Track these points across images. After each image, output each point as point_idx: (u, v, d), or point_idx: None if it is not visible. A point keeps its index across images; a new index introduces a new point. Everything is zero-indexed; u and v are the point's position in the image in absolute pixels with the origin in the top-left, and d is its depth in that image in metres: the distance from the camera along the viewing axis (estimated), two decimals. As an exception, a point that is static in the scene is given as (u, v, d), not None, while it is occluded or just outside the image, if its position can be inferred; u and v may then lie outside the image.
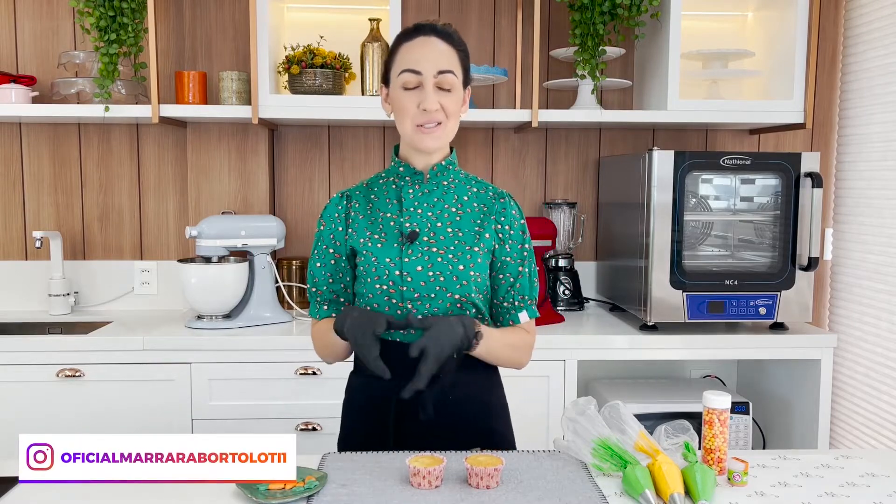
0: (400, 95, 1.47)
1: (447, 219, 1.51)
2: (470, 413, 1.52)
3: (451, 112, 1.46)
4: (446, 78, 1.45)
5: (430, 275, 1.46)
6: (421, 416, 1.44)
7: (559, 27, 2.79)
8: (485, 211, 1.54)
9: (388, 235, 1.50)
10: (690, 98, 2.66)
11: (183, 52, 2.77)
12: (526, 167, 2.93)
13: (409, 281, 1.46)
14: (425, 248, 1.48)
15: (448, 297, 1.47)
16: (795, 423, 2.57)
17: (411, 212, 1.51)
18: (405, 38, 1.48)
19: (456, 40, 1.49)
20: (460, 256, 1.48)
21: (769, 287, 2.44)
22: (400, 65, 1.46)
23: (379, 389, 1.46)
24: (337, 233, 1.55)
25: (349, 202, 1.56)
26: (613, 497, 1.31)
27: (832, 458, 1.52)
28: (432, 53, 1.45)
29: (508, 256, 1.53)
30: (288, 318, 2.60)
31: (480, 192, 1.56)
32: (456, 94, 1.47)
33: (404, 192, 1.52)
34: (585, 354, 2.40)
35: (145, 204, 2.84)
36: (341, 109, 2.54)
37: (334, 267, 1.55)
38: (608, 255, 2.85)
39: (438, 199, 1.53)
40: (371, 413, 1.52)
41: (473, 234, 1.51)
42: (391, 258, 1.47)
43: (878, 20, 2.52)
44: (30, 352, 2.30)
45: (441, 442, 1.45)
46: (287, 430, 2.32)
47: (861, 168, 2.61)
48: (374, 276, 1.47)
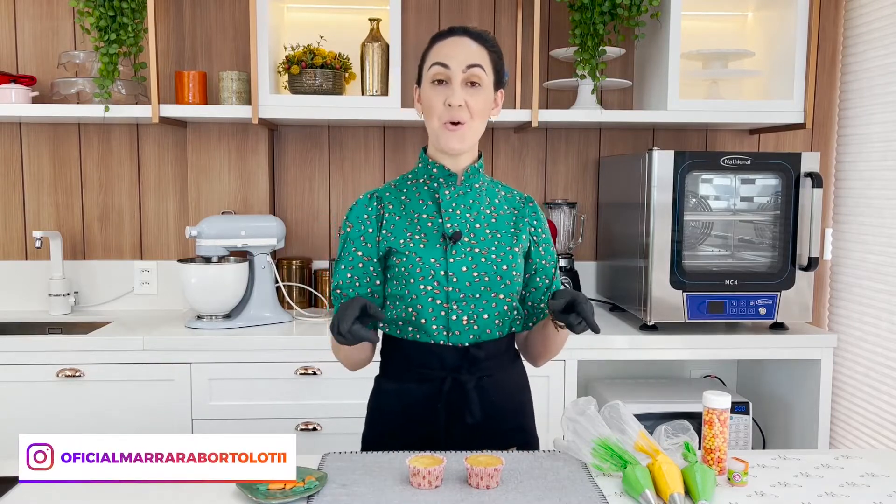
0: (428, 91, 1.47)
1: (484, 220, 1.52)
2: (509, 413, 1.54)
3: (476, 111, 1.45)
4: (475, 72, 1.44)
5: (475, 275, 1.47)
6: (468, 419, 1.46)
7: (559, 27, 2.79)
8: (516, 214, 1.56)
9: (428, 236, 1.49)
10: (690, 98, 2.66)
11: (183, 52, 2.77)
12: (526, 167, 2.93)
13: (454, 281, 1.46)
14: (468, 249, 1.48)
15: (492, 297, 1.48)
16: (795, 423, 2.57)
17: (450, 212, 1.50)
18: (438, 38, 1.49)
19: (488, 41, 1.49)
20: (503, 257, 1.49)
21: (769, 287, 2.44)
22: (431, 60, 1.47)
23: (424, 397, 1.48)
24: (368, 234, 1.51)
25: (380, 203, 1.53)
26: (613, 497, 1.31)
27: (832, 458, 1.52)
28: (462, 50, 1.45)
29: (543, 259, 1.57)
30: (288, 318, 2.60)
31: (509, 196, 1.58)
32: (484, 92, 1.46)
33: (440, 193, 1.51)
34: (585, 354, 2.40)
35: (145, 204, 2.84)
36: (341, 109, 2.54)
37: (362, 270, 1.51)
38: (608, 255, 2.85)
39: (473, 200, 1.53)
40: (412, 417, 1.50)
41: (511, 236, 1.52)
42: (435, 258, 1.46)
43: (878, 20, 2.52)
44: (30, 352, 2.30)
45: (484, 442, 1.47)
46: (287, 430, 2.32)
47: (861, 168, 2.61)
48: (419, 277, 1.46)
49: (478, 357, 1.47)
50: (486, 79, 1.46)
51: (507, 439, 1.52)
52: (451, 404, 1.46)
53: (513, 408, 1.55)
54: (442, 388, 1.46)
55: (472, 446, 1.47)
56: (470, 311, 1.47)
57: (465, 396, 1.46)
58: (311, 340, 2.36)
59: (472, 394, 1.45)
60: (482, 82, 1.46)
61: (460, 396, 1.46)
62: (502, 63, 1.53)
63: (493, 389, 1.49)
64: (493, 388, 1.49)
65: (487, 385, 1.48)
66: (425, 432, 1.49)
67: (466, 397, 1.45)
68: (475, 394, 1.46)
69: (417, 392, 1.49)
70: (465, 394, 1.46)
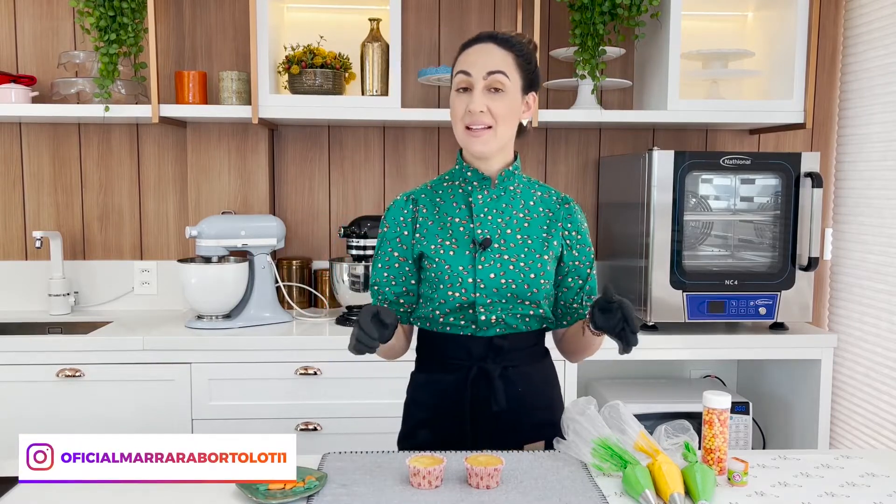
0: (454, 99, 1.50)
1: (516, 225, 1.53)
2: (535, 405, 1.55)
3: (499, 115, 1.46)
4: (496, 78, 1.45)
5: (503, 282, 1.49)
6: (493, 407, 1.48)
7: (559, 27, 2.79)
8: (550, 217, 1.56)
9: (459, 242, 1.51)
10: (690, 98, 2.66)
11: (183, 52, 2.77)
12: (526, 167, 2.93)
13: (482, 288, 1.48)
14: (497, 256, 1.50)
15: (518, 304, 1.50)
16: (795, 423, 2.57)
17: (481, 218, 1.52)
18: (465, 46, 1.51)
19: (515, 45, 1.49)
20: (531, 265, 1.50)
21: (769, 287, 2.44)
22: (457, 68, 1.49)
23: (451, 386, 1.51)
24: (403, 236, 1.54)
25: (416, 205, 1.56)
26: (613, 497, 1.31)
27: (832, 458, 1.52)
28: (485, 57, 1.46)
29: (577, 261, 1.57)
30: (288, 318, 2.60)
31: (545, 197, 1.58)
32: (508, 97, 1.47)
33: (473, 198, 1.53)
34: (585, 354, 2.39)
35: (145, 204, 2.84)
36: (341, 109, 2.54)
37: (398, 270, 1.55)
38: (608, 255, 2.85)
39: (507, 204, 1.54)
40: (443, 407, 1.53)
41: (542, 242, 1.53)
42: (464, 266, 1.49)
43: (878, 20, 2.52)
44: (30, 352, 2.30)
45: (509, 431, 1.50)
46: (287, 430, 2.32)
47: (861, 168, 2.61)
48: (448, 284, 1.48)
49: (503, 347, 1.50)
50: (509, 84, 1.46)
51: (536, 433, 1.54)
52: (478, 392, 1.49)
53: (541, 401, 1.57)
54: (468, 377, 1.49)
55: (501, 437, 1.50)
56: (497, 312, 1.50)
57: (490, 384, 1.48)
58: (311, 340, 2.36)
59: (497, 382, 1.48)
60: (505, 88, 1.46)
61: (486, 385, 1.49)
62: (532, 66, 1.52)
63: (519, 380, 1.52)
64: (518, 378, 1.51)
65: (513, 375, 1.51)
66: (454, 422, 1.52)
67: (492, 385, 1.48)
68: (500, 382, 1.48)
69: (446, 382, 1.52)
70: (490, 382, 1.49)
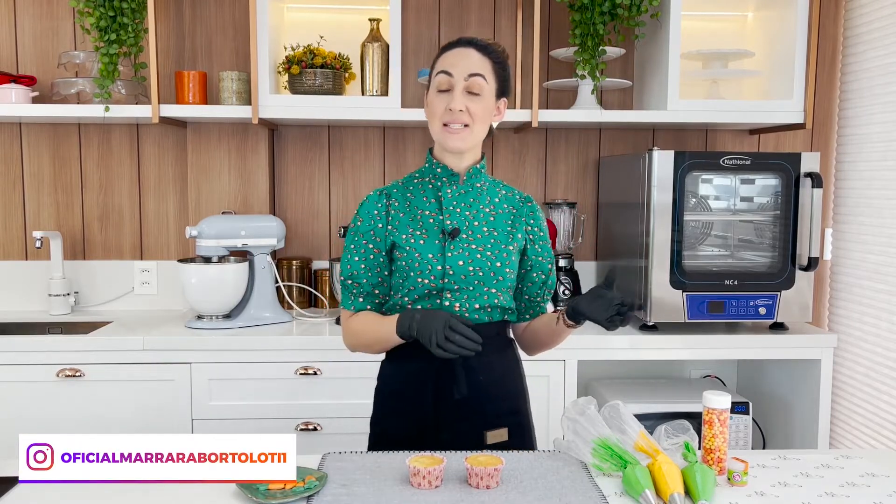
0: (433, 97, 1.58)
1: (482, 218, 1.61)
2: (497, 394, 1.60)
3: (477, 116, 1.55)
4: (476, 81, 1.54)
5: (471, 269, 1.56)
6: (455, 395, 1.53)
7: (559, 27, 2.79)
8: (514, 213, 1.64)
9: (429, 232, 1.58)
10: (690, 98, 2.66)
11: (183, 52, 2.77)
12: (526, 167, 2.93)
13: (450, 275, 1.55)
14: (465, 245, 1.57)
15: (485, 291, 1.57)
16: (795, 423, 2.57)
17: (450, 210, 1.60)
18: (446, 49, 1.59)
19: (492, 52, 1.58)
20: (497, 254, 1.58)
21: (769, 287, 2.44)
22: (437, 68, 1.58)
23: (415, 374, 1.57)
24: (377, 229, 1.61)
25: (388, 199, 1.63)
26: (613, 497, 1.31)
27: (832, 458, 1.52)
28: (465, 60, 1.55)
29: (540, 256, 1.66)
30: (288, 318, 2.60)
31: (509, 196, 1.67)
32: (485, 99, 1.56)
33: (443, 192, 1.61)
34: (585, 354, 2.40)
35: (145, 204, 2.84)
36: (341, 109, 2.54)
37: (373, 261, 1.61)
38: (608, 255, 2.85)
39: (474, 199, 1.62)
40: (407, 394, 1.59)
41: (507, 234, 1.61)
42: (434, 254, 1.56)
43: (878, 20, 2.52)
44: (30, 352, 2.30)
45: (471, 418, 1.56)
46: (287, 430, 2.32)
47: (861, 168, 2.61)
48: (418, 271, 1.55)
49: None
50: (486, 88, 1.55)
51: (499, 420, 1.59)
52: (440, 380, 1.55)
53: (502, 390, 1.62)
54: (432, 366, 1.53)
55: (463, 423, 1.55)
56: (463, 300, 1.57)
57: (452, 373, 1.52)
58: (311, 340, 2.36)
59: (459, 370, 1.52)
60: (483, 91, 1.55)
61: (448, 373, 1.53)
62: (506, 73, 1.61)
63: (481, 369, 1.56)
64: (480, 367, 1.55)
65: (475, 364, 1.54)
66: (419, 408, 1.57)
67: (454, 373, 1.52)
68: (462, 371, 1.52)
69: (410, 369, 1.58)
70: (452, 370, 1.52)
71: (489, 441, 1.56)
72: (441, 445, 1.51)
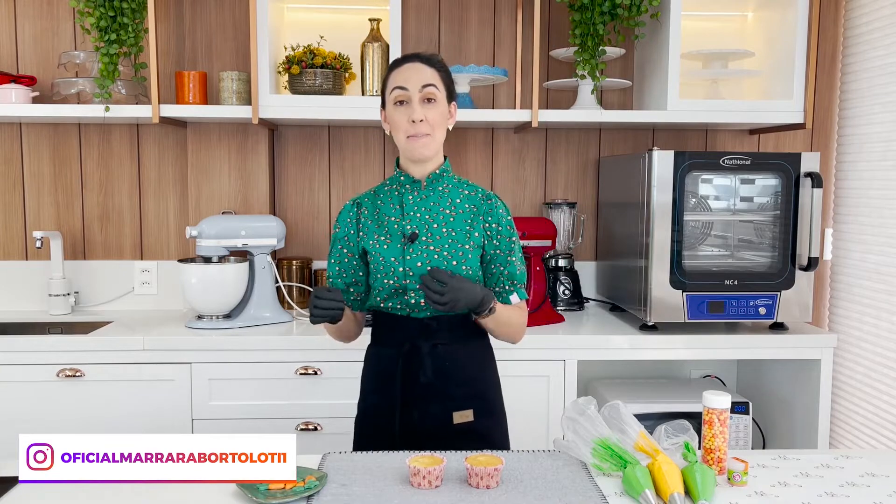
0: (392, 112, 1.70)
1: (442, 220, 1.72)
2: (460, 379, 1.72)
3: (435, 123, 1.68)
4: (429, 91, 1.67)
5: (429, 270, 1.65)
6: (421, 379, 1.67)
7: (559, 27, 2.79)
8: (474, 211, 1.74)
9: (392, 237, 1.71)
10: (690, 98, 2.66)
11: (183, 52, 2.77)
12: (526, 167, 2.93)
13: (411, 276, 1.67)
14: (424, 248, 1.69)
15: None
16: (795, 423, 2.57)
17: (411, 215, 1.72)
18: (395, 66, 1.72)
19: (436, 63, 1.72)
20: (454, 253, 1.69)
21: (769, 287, 2.44)
22: (391, 84, 1.70)
23: (387, 358, 1.72)
24: (350, 235, 1.77)
25: (359, 209, 1.78)
26: (613, 497, 1.32)
27: (832, 458, 1.52)
28: (417, 73, 1.68)
29: (498, 249, 1.75)
30: (288, 318, 2.60)
31: (471, 195, 1.77)
32: (440, 106, 1.69)
33: (405, 199, 1.74)
34: (585, 354, 2.40)
35: (145, 204, 2.84)
36: (341, 109, 2.54)
37: (346, 264, 1.78)
38: (608, 255, 2.85)
39: (434, 203, 1.74)
40: (383, 376, 1.73)
41: (465, 234, 1.72)
42: (395, 257, 1.69)
43: (878, 20, 2.52)
44: (30, 352, 2.30)
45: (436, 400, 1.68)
46: (287, 430, 2.32)
47: (861, 168, 2.61)
48: (383, 273, 1.70)
49: (431, 327, 1.69)
50: (439, 95, 1.69)
51: (464, 402, 1.70)
52: (409, 365, 1.69)
53: (468, 375, 1.73)
54: (402, 351, 1.69)
55: (429, 404, 1.68)
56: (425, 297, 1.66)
57: (419, 359, 1.67)
58: (311, 340, 2.36)
59: (426, 358, 1.67)
60: (437, 98, 1.68)
61: (416, 359, 1.68)
62: (451, 80, 1.76)
63: (446, 356, 1.69)
64: (446, 354, 1.69)
65: (441, 352, 1.69)
66: (391, 389, 1.70)
67: (421, 360, 1.67)
68: (429, 358, 1.67)
69: (386, 355, 1.73)
70: (420, 357, 1.68)
71: (456, 421, 1.68)
72: (411, 424, 1.67)
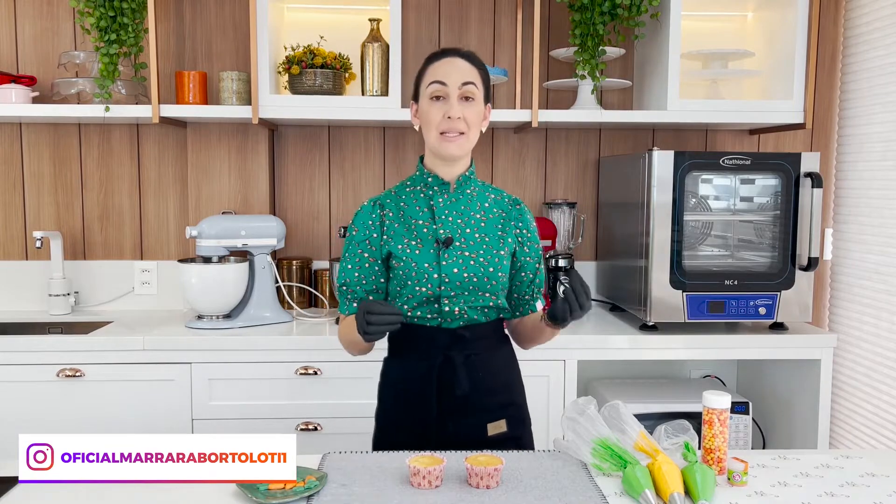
0: (427, 107, 1.62)
1: (474, 225, 1.66)
2: (496, 387, 1.66)
3: (472, 122, 1.61)
4: (469, 88, 1.60)
5: (465, 276, 1.61)
6: (457, 392, 1.60)
7: (559, 27, 2.79)
8: (504, 217, 1.70)
9: (423, 242, 1.63)
10: (690, 98, 2.66)
11: (183, 52, 2.77)
12: (526, 167, 2.93)
13: (446, 282, 1.60)
14: (458, 252, 1.63)
15: (480, 296, 1.63)
16: (795, 423, 2.57)
17: (443, 219, 1.65)
18: (434, 59, 1.64)
19: (476, 61, 1.65)
20: (489, 259, 1.63)
21: (769, 287, 2.44)
22: (429, 78, 1.62)
23: (419, 372, 1.63)
24: (372, 238, 1.66)
25: (382, 209, 1.68)
26: (613, 497, 1.32)
27: (832, 458, 1.52)
28: (457, 69, 1.61)
29: (528, 257, 1.72)
30: (288, 318, 2.60)
31: (498, 199, 1.72)
32: (477, 105, 1.62)
33: (435, 202, 1.66)
34: (585, 354, 2.40)
35: (145, 204, 2.84)
36: (341, 109, 2.54)
37: (368, 270, 1.67)
38: (608, 255, 2.85)
39: (465, 206, 1.67)
40: (412, 390, 1.64)
41: (497, 239, 1.67)
42: (429, 263, 1.61)
43: (878, 20, 2.52)
44: (30, 352, 2.30)
45: (473, 412, 1.62)
46: (287, 430, 2.32)
47: (861, 168, 2.61)
48: (415, 280, 1.61)
49: (465, 337, 1.62)
50: (478, 94, 1.62)
51: (497, 412, 1.65)
52: (443, 378, 1.61)
53: (501, 384, 1.68)
54: (435, 364, 1.61)
55: (465, 417, 1.61)
56: (460, 304, 1.62)
57: (454, 371, 1.60)
58: (311, 340, 2.36)
59: (460, 369, 1.60)
60: (475, 97, 1.61)
61: (450, 371, 1.60)
62: (489, 80, 1.69)
63: (481, 366, 1.63)
64: (480, 364, 1.63)
65: (475, 362, 1.62)
66: (422, 404, 1.62)
67: (455, 372, 1.60)
68: (463, 369, 1.60)
69: (414, 368, 1.64)
70: (454, 369, 1.60)
71: (490, 433, 1.63)
72: (446, 438, 1.59)
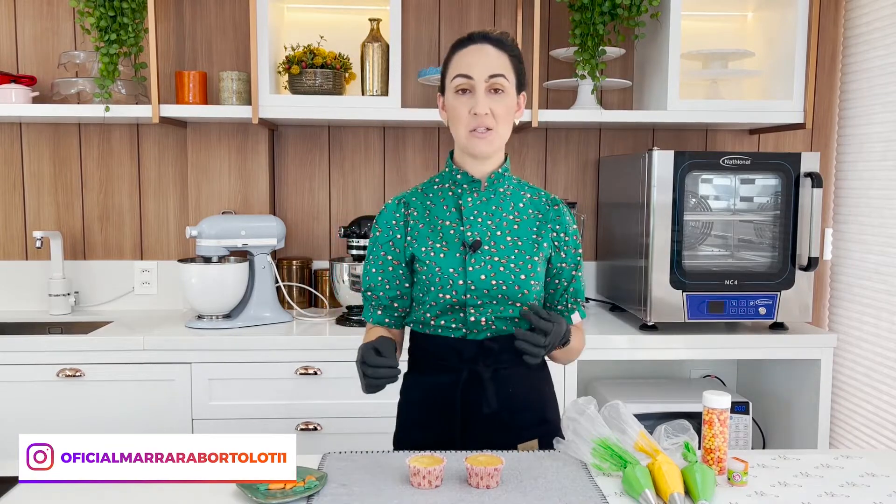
0: (453, 101, 1.49)
1: (506, 227, 1.53)
2: (526, 405, 1.55)
3: (500, 117, 1.48)
4: (498, 81, 1.47)
5: (494, 283, 1.49)
6: (484, 409, 1.49)
7: (559, 27, 2.79)
8: (540, 218, 1.56)
9: (449, 245, 1.51)
10: (690, 98, 2.66)
11: (183, 52, 2.77)
12: (526, 167, 2.93)
13: (472, 289, 1.49)
14: (487, 258, 1.50)
15: (509, 305, 1.50)
16: (795, 423, 2.57)
17: (471, 220, 1.52)
18: (459, 46, 1.51)
19: (508, 46, 1.51)
20: (521, 266, 1.50)
21: (769, 287, 2.44)
22: (453, 70, 1.49)
23: (441, 387, 1.52)
24: (396, 240, 1.55)
25: (407, 209, 1.56)
26: (613, 497, 1.31)
27: (832, 458, 1.52)
28: (484, 59, 1.47)
29: (564, 262, 1.57)
30: (288, 318, 2.60)
31: (535, 199, 1.58)
32: (507, 97, 1.49)
33: (463, 201, 1.53)
34: (585, 354, 2.37)
35: (145, 204, 2.84)
36: (341, 109, 2.54)
37: (391, 273, 1.56)
38: (608, 255, 2.85)
39: (496, 207, 1.54)
40: (434, 408, 1.54)
41: (532, 243, 1.53)
42: (455, 268, 1.49)
43: (878, 20, 2.52)
44: (30, 352, 2.30)
45: (502, 431, 1.50)
46: (287, 430, 2.32)
47: (861, 168, 2.61)
48: (439, 286, 1.49)
49: (493, 349, 1.50)
50: (508, 85, 1.48)
51: (529, 431, 1.53)
52: (469, 394, 1.50)
53: (532, 401, 1.57)
54: (460, 379, 1.50)
55: (493, 437, 1.49)
56: (487, 314, 1.50)
57: (481, 386, 1.49)
58: (311, 340, 2.36)
59: (488, 384, 1.49)
60: (505, 89, 1.48)
61: (477, 387, 1.49)
62: (523, 66, 1.54)
63: (510, 381, 1.52)
64: (509, 379, 1.51)
65: (504, 377, 1.51)
66: (446, 423, 1.52)
67: (483, 387, 1.49)
68: (491, 384, 1.49)
69: (438, 383, 1.53)
70: (481, 384, 1.49)
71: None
72: None
